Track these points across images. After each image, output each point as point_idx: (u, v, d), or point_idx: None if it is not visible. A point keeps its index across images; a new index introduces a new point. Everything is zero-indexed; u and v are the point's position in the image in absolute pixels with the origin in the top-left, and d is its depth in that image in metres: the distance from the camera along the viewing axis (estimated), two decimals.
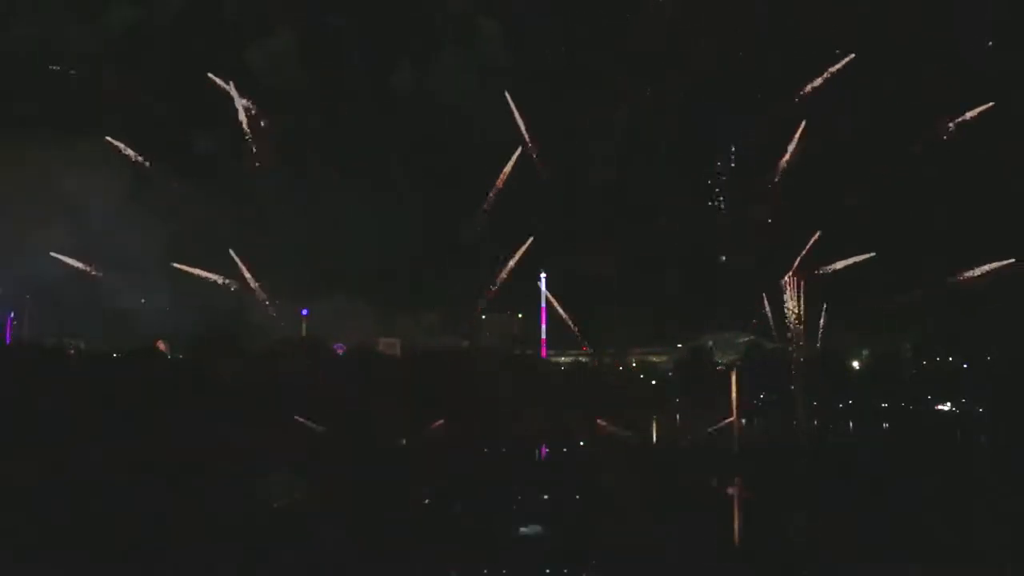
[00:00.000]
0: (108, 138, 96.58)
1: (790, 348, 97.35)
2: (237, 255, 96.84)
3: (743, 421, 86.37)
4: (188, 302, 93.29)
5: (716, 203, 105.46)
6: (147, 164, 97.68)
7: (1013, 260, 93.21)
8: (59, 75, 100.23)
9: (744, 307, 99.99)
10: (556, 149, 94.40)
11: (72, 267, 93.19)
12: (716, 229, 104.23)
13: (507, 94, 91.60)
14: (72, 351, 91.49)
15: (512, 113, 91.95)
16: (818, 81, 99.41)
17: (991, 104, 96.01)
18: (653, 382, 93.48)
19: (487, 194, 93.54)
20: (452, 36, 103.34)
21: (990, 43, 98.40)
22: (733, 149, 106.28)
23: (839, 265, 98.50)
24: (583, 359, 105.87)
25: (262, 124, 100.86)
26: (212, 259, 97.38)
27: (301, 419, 76.38)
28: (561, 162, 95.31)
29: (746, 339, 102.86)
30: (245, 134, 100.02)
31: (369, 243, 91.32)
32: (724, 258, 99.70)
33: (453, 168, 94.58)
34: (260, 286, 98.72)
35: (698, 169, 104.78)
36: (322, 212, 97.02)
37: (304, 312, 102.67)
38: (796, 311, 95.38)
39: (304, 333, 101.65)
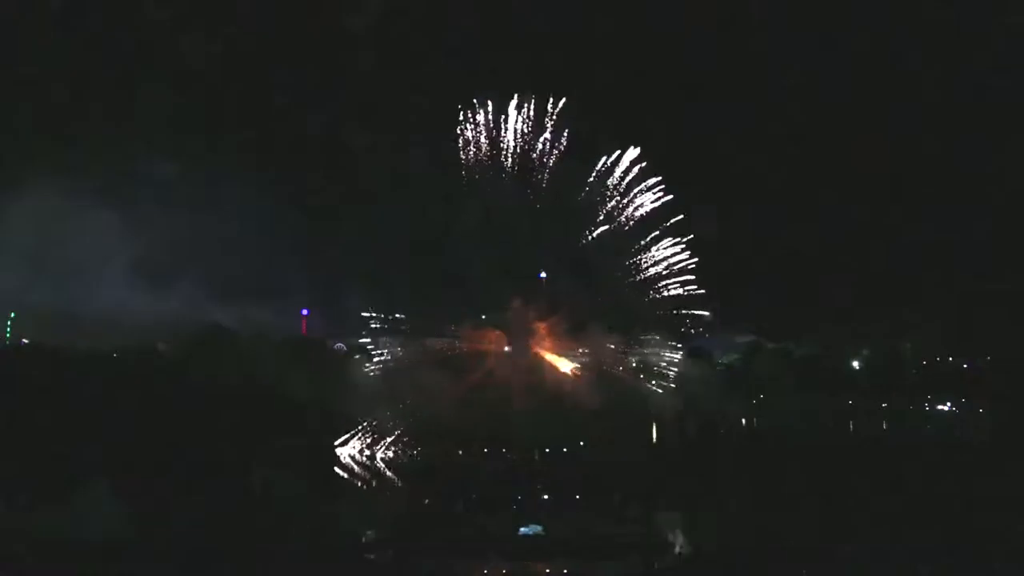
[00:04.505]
0: None
1: (791, 347, 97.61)
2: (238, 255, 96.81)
3: (743, 420, 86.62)
4: (188, 302, 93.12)
5: None
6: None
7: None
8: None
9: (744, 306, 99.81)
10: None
11: (71, 267, 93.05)
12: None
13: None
14: None
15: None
16: None
17: None
18: (653, 382, 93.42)
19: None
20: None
21: None
22: None
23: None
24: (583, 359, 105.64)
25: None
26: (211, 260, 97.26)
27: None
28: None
29: (747, 339, 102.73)
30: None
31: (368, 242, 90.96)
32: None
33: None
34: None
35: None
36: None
37: (304, 312, 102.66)
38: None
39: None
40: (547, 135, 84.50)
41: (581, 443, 79.13)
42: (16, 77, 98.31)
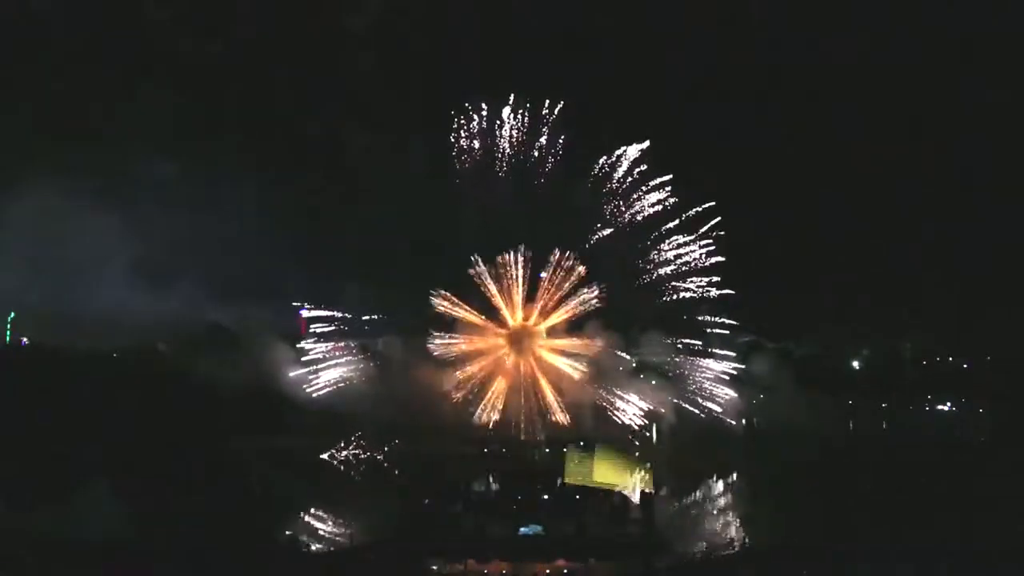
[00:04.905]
0: None
1: (791, 347, 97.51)
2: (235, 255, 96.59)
3: (743, 421, 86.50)
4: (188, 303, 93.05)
5: None
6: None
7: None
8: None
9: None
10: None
11: (71, 267, 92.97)
12: None
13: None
14: None
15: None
16: None
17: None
18: (653, 382, 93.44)
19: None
20: None
21: None
22: None
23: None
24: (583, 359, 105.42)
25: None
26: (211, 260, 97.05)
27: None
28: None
29: (747, 339, 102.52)
30: None
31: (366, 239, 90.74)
32: None
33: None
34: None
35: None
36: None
37: (303, 311, 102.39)
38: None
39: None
40: (545, 135, 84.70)
41: (581, 443, 79.17)
42: (16, 77, 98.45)
